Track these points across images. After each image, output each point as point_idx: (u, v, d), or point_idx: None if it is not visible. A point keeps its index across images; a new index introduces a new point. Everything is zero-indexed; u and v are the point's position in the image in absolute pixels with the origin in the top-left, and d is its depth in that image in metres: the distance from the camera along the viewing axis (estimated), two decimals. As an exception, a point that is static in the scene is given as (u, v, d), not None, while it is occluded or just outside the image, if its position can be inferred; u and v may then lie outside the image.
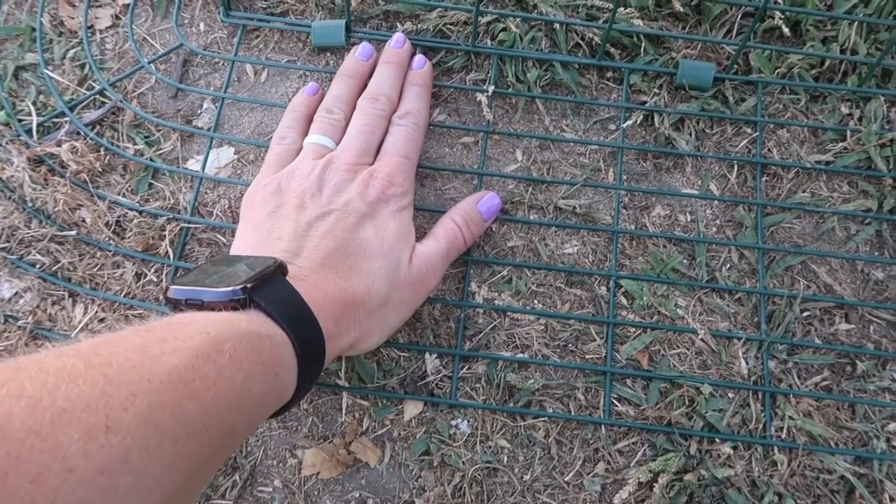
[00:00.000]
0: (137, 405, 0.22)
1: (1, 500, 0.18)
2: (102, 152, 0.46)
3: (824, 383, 0.42)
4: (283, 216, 0.39)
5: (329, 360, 0.34)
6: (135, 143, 0.47)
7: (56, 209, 0.44)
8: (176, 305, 0.31)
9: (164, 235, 0.44)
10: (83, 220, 0.44)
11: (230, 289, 0.29)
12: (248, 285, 0.30)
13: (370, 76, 0.46)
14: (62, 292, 0.44)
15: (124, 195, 0.46)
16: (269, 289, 0.31)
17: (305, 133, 0.44)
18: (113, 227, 0.45)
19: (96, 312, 0.43)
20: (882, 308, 0.44)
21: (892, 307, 0.43)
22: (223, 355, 0.26)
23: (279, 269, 0.32)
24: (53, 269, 0.44)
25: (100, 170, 0.46)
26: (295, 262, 0.36)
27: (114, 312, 0.43)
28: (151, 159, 0.47)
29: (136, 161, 0.46)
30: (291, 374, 0.31)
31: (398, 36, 0.47)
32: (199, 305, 0.30)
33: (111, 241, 0.44)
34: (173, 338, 0.26)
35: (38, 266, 0.44)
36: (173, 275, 0.44)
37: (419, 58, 0.47)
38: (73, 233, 0.44)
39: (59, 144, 0.46)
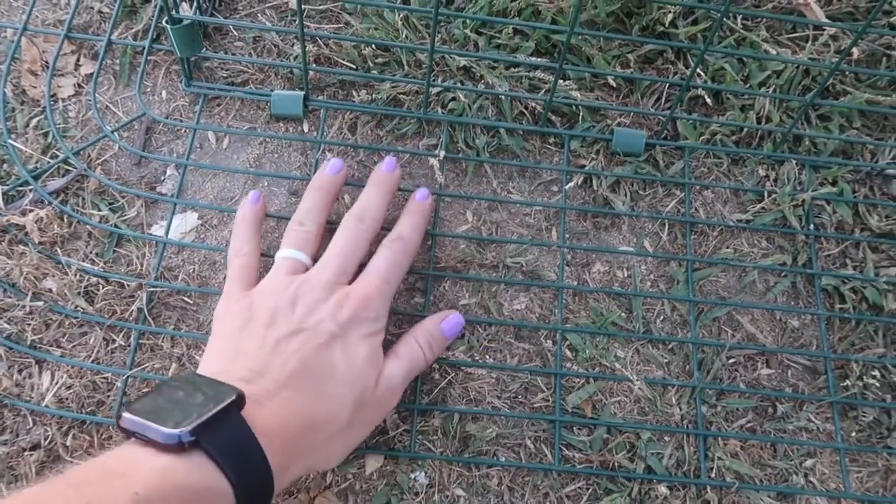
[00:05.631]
0: None
1: None
2: (66, 220, 0.48)
3: (749, 425, 0.47)
4: (251, 332, 0.39)
5: (279, 489, 0.34)
6: (99, 210, 0.48)
7: (22, 279, 0.46)
8: (127, 433, 0.31)
9: (132, 301, 0.46)
10: (49, 290, 0.46)
11: (177, 431, 0.30)
12: (196, 426, 0.30)
13: (339, 190, 0.47)
14: (29, 360, 0.45)
15: (91, 261, 0.47)
16: (219, 429, 0.31)
17: (259, 243, 0.46)
18: (80, 294, 0.46)
19: (64, 380, 0.44)
20: (798, 354, 0.48)
21: (807, 353, 0.48)
22: None
23: (235, 405, 0.32)
24: (20, 337, 0.45)
25: (66, 236, 0.47)
26: (258, 382, 0.36)
27: (81, 378, 0.45)
28: (116, 226, 0.48)
29: (101, 228, 0.48)
30: None
31: (390, 160, 0.48)
32: (147, 440, 0.31)
33: (78, 309, 0.46)
34: (98, 500, 0.26)
35: (4, 335, 0.45)
36: (137, 339, 0.46)
37: (423, 190, 0.48)
38: (41, 303, 0.45)
39: (23, 214, 0.47)
